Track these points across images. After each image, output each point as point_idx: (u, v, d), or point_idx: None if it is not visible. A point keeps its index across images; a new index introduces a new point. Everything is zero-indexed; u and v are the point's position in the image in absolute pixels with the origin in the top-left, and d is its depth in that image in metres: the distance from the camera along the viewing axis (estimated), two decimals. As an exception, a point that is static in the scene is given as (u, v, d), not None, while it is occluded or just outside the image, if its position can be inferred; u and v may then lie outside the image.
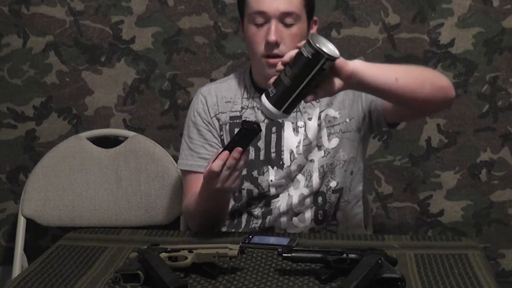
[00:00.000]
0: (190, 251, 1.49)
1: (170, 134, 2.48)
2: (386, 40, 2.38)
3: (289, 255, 1.44)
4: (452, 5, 2.35)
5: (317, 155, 1.82)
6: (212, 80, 2.42)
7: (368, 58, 2.39)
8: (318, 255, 1.45)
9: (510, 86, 2.41)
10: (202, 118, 1.88)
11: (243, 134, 1.55)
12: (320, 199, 1.83)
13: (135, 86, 2.47)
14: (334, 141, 1.83)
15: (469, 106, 2.42)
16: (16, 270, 2.32)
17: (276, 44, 1.73)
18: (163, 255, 1.48)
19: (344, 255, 1.45)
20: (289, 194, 1.82)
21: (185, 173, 1.91)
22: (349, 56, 2.38)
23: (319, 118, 1.82)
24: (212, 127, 1.88)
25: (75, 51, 2.46)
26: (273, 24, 1.73)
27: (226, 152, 1.55)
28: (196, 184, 1.82)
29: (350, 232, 1.87)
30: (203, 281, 1.45)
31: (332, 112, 1.83)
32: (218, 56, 2.42)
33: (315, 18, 1.85)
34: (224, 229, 1.88)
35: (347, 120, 1.83)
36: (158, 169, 2.32)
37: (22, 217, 2.36)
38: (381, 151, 2.46)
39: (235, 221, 1.87)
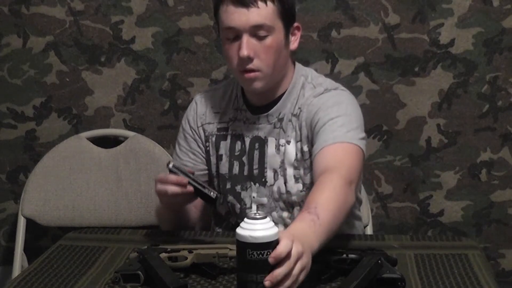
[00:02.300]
0: (190, 251, 1.49)
1: (170, 134, 2.47)
2: (386, 40, 2.38)
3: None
4: (452, 5, 2.35)
5: (294, 188, 1.76)
6: (212, 81, 2.42)
7: (368, 58, 2.39)
8: (318, 255, 1.45)
9: (510, 86, 2.41)
10: (190, 125, 1.87)
11: (203, 194, 1.58)
12: None
13: (135, 86, 2.47)
14: (310, 175, 1.75)
15: (469, 106, 2.42)
16: (16, 270, 2.32)
17: (249, 59, 1.67)
18: (163, 255, 1.48)
19: (344, 255, 1.45)
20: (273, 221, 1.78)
21: None
22: (349, 56, 2.39)
23: (296, 148, 1.76)
24: (198, 136, 1.86)
25: (75, 51, 2.46)
26: (245, 39, 1.66)
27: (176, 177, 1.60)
28: None
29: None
30: (203, 281, 1.45)
31: (303, 146, 1.75)
32: (218, 56, 2.42)
33: (296, 24, 1.76)
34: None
35: (310, 152, 1.75)
36: (158, 169, 2.31)
37: (22, 217, 2.36)
38: (381, 151, 2.46)
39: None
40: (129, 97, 2.48)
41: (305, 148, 1.74)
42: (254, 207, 1.79)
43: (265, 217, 1.27)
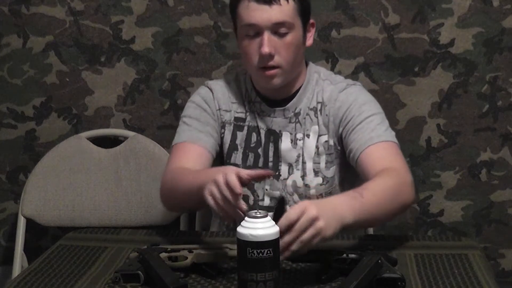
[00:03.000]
0: (190, 251, 1.49)
1: (170, 134, 2.46)
2: (386, 40, 2.38)
3: (289, 255, 1.44)
4: (452, 5, 2.35)
5: (313, 181, 1.78)
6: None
7: (368, 58, 2.39)
8: (318, 255, 1.45)
9: (510, 86, 2.41)
10: (208, 104, 1.83)
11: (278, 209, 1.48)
12: None
13: (135, 86, 2.47)
14: (332, 170, 1.79)
15: (469, 106, 2.42)
16: (16, 270, 2.32)
17: (270, 56, 1.69)
18: (163, 255, 1.48)
19: (344, 255, 1.45)
20: None
21: (176, 146, 1.80)
22: (349, 56, 2.39)
23: (317, 141, 1.78)
24: (216, 116, 1.83)
25: (75, 51, 2.46)
26: (266, 36, 1.67)
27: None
28: (184, 156, 1.74)
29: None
30: (203, 281, 1.45)
31: (330, 140, 1.78)
32: (218, 56, 2.42)
33: (311, 21, 1.79)
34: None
35: (338, 147, 1.79)
36: (158, 169, 2.31)
37: (22, 217, 2.36)
38: (381, 151, 2.45)
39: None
40: (129, 97, 2.48)
41: (331, 142, 1.78)
42: (266, 199, 1.80)
43: (265, 216, 1.28)
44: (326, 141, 1.78)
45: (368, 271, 1.36)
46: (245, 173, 1.43)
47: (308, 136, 1.79)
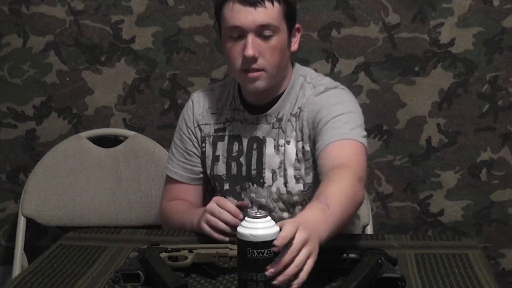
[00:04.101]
0: (190, 251, 1.49)
1: (170, 134, 2.46)
2: (386, 39, 2.38)
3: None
4: (452, 5, 2.35)
5: (295, 188, 1.76)
6: (212, 80, 2.42)
7: (368, 58, 2.39)
8: (318, 255, 1.45)
9: (510, 86, 2.41)
10: (187, 125, 1.87)
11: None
12: None
13: (135, 85, 2.47)
14: (311, 175, 1.76)
15: (469, 106, 2.42)
16: (16, 270, 2.32)
17: (254, 59, 1.66)
18: (163, 255, 1.48)
19: (344, 255, 1.45)
20: None
21: (167, 178, 1.92)
22: (349, 56, 2.39)
23: (297, 147, 1.76)
24: (194, 136, 1.85)
25: (75, 51, 2.46)
26: (250, 38, 1.65)
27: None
28: (174, 190, 1.87)
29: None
30: (203, 281, 1.45)
31: (305, 146, 1.75)
32: (218, 56, 2.42)
33: (297, 25, 1.77)
34: None
35: (312, 152, 1.75)
36: (158, 169, 2.32)
37: (22, 217, 2.36)
38: (381, 151, 2.46)
39: None
40: (129, 96, 2.48)
41: (307, 148, 1.74)
42: (254, 208, 1.79)
43: (266, 216, 1.27)
44: (302, 147, 1.75)
45: (368, 271, 1.36)
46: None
47: (288, 142, 1.76)
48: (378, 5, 2.36)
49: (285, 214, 1.78)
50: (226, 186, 1.81)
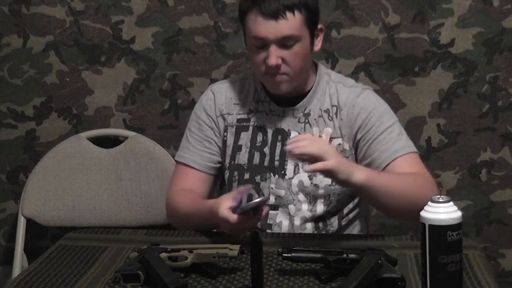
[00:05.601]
0: (190, 251, 1.49)
1: (170, 134, 2.47)
2: (386, 40, 2.38)
3: (289, 255, 1.44)
4: (452, 5, 2.35)
5: (323, 182, 1.78)
6: (212, 80, 2.42)
7: (368, 58, 2.39)
8: (318, 255, 1.45)
9: (510, 86, 2.41)
10: (208, 114, 1.86)
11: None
12: (321, 224, 1.81)
13: (135, 86, 2.47)
14: None
15: (469, 106, 2.42)
16: (16, 270, 2.32)
17: (277, 67, 1.70)
18: (163, 255, 1.48)
19: (344, 255, 1.45)
20: (289, 214, 1.80)
21: (178, 164, 1.89)
22: (349, 56, 2.39)
23: (329, 142, 1.78)
24: (216, 125, 1.86)
25: (75, 51, 2.46)
26: (273, 49, 1.68)
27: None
28: (186, 179, 1.84)
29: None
30: (203, 281, 1.45)
31: (344, 144, 1.79)
32: (218, 56, 2.42)
33: (319, 26, 1.79)
34: None
35: (353, 152, 1.80)
36: (158, 169, 2.32)
37: (22, 217, 2.36)
38: (381, 151, 2.45)
39: None
40: (129, 97, 2.48)
41: (346, 146, 1.79)
42: (271, 198, 1.80)
43: (449, 201, 1.36)
44: (339, 144, 1.78)
45: (368, 271, 1.36)
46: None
47: (320, 137, 1.79)
48: (378, 6, 2.36)
49: (305, 206, 1.80)
50: (246, 176, 1.82)
